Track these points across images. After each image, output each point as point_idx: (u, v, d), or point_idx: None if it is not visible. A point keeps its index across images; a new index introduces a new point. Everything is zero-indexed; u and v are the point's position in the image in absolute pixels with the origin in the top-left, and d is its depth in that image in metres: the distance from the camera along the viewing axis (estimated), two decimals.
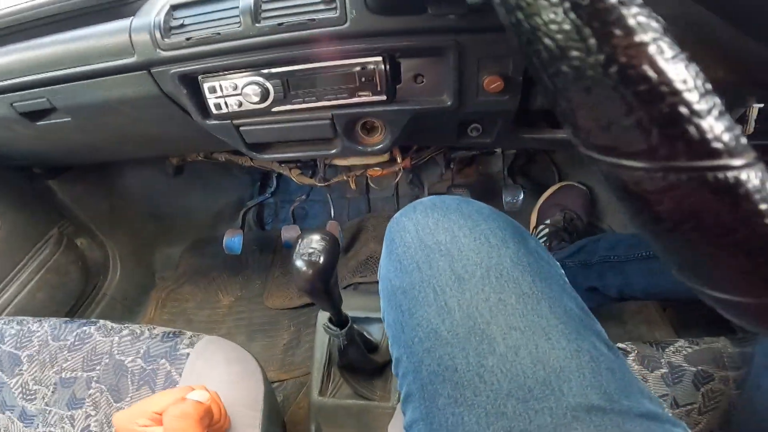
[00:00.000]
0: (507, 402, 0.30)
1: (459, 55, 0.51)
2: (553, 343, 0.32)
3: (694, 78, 0.13)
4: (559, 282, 0.38)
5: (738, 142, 0.14)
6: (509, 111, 0.57)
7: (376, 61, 0.53)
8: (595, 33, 0.13)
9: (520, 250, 0.37)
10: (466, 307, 0.34)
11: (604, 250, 0.82)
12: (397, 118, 0.58)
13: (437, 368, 0.33)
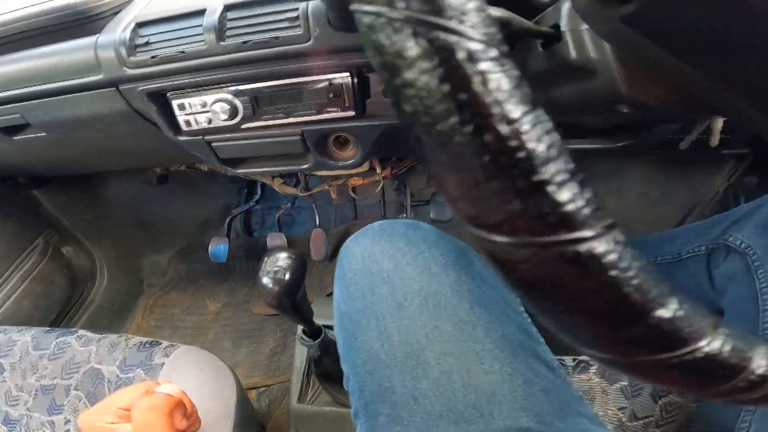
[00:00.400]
0: (439, 423, 0.31)
1: None
2: (486, 368, 0.33)
3: (547, 147, 0.14)
4: (500, 306, 0.38)
5: (591, 213, 0.14)
6: None
7: (344, 77, 0.53)
8: (450, 95, 0.13)
9: (462, 276, 0.38)
10: (404, 333, 0.35)
11: None
12: (368, 132, 0.59)
13: (377, 389, 0.34)
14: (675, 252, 0.64)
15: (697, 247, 0.60)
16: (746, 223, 0.54)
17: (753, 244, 0.52)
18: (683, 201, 0.99)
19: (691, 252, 0.61)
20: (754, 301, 0.49)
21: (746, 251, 0.52)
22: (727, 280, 0.55)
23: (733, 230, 0.55)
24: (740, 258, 0.53)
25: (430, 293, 0.36)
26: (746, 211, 0.55)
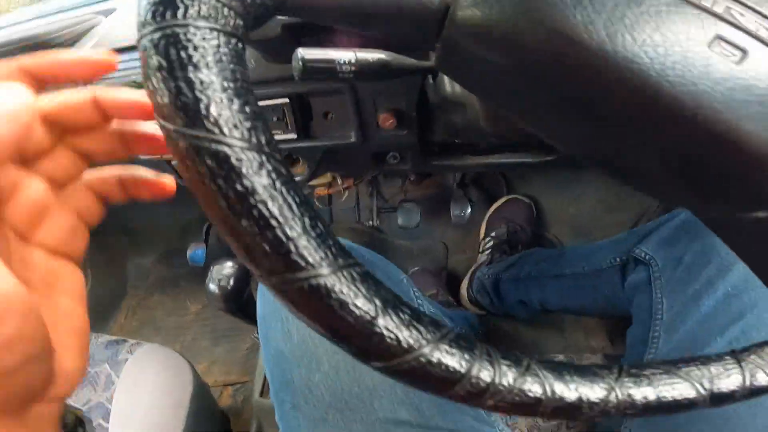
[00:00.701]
0: (329, 411, 0.37)
1: (354, 94, 0.57)
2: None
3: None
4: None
5: (323, 256, 0.19)
6: (412, 144, 0.62)
7: (284, 103, 0.58)
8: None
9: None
10: (302, 332, 0.41)
11: (531, 264, 0.88)
12: (311, 153, 0.64)
13: (282, 380, 0.41)
14: (598, 264, 0.69)
15: (613, 259, 0.65)
16: (651, 237, 0.59)
17: (656, 255, 0.56)
18: (636, 206, 1.03)
19: (608, 263, 0.66)
20: (649, 310, 0.54)
21: (649, 262, 0.57)
22: (634, 289, 0.60)
23: (641, 244, 0.60)
24: (644, 269, 0.58)
25: None
26: (654, 226, 0.60)
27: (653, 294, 0.54)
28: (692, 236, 0.52)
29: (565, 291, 0.77)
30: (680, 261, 0.52)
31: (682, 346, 0.48)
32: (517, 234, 1.09)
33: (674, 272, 0.52)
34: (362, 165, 0.70)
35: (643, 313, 0.55)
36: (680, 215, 0.57)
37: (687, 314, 0.48)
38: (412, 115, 0.58)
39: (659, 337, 0.51)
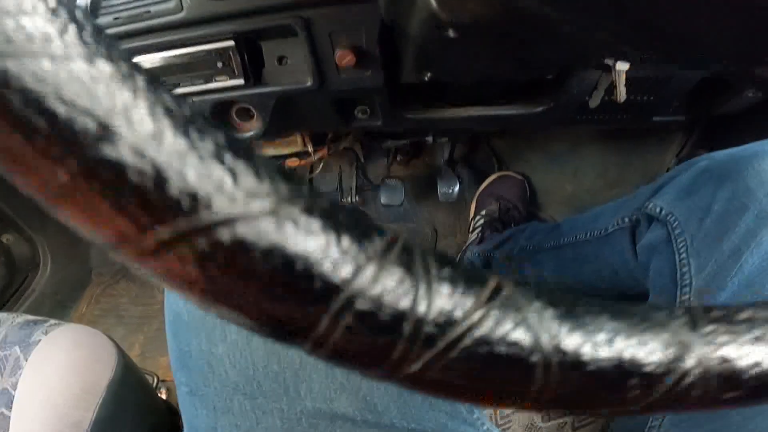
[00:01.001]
0: (234, 397, 0.28)
1: (308, 31, 0.48)
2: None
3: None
4: None
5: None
6: (378, 88, 0.54)
7: (229, 45, 0.50)
8: None
9: None
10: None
11: (524, 239, 0.79)
12: (262, 101, 0.56)
13: (179, 354, 0.31)
14: (602, 227, 0.60)
15: (621, 219, 0.56)
16: (667, 189, 0.50)
17: (674, 210, 0.48)
18: (638, 180, 0.94)
19: (615, 225, 0.57)
20: (673, 275, 0.45)
21: (667, 218, 0.48)
22: (649, 252, 0.51)
23: (655, 198, 0.51)
24: (661, 227, 0.49)
25: None
26: (668, 177, 0.51)
27: (676, 256, 0.45)
28: (719, 181, 0.43)
29: (563, 264, 0.68)
30: (708, 211, 0.43)
31: None
32: (509, 212, 1.00)
33: (701, 226, 0.43)
34: (326, 118, 0.62)
35: (664, 280, 0.46)
36: (699, 163, 0.48)
37: (725, 276, 0.39)
38: (375, 52, 0.49)
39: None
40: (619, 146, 0.97)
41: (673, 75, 0.51)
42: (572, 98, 0.55)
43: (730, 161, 0.46)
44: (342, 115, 0.62)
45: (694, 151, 0.80)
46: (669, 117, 0.62)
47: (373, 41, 0.49)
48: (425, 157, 1.27)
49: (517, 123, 0.62)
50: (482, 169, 1.18)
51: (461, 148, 1.20)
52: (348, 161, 1.21)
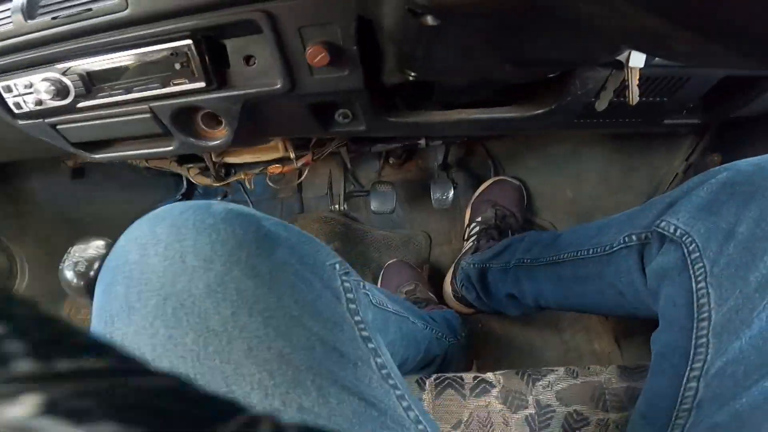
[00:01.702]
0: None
1: (274, 27, 0.42)
2: (240, 396, 0.26)
3: None
4: (288, 316, 0.30)
5: None
6: (358, 90, 0.48)
7: (186, 45, 0.44)
8: None
9: (234, 272, 0.29)
10: (129, 342, 0.28)
11: (522, 251, 0.73)
12: (228, 106, 0.49)
13: None
14: (606, 243, 0.54)
15: (627, 237, 0.50)
16: (682, 205, 0.44)
17: (690, 230, 0.41)
18: (644, 186, 0.89)
19: (621, 243, 0.51)
20: (688, 307, 0.39)
21: (682, 240, 0.42)
22: (660, 276, 0.45)
23: (668, 215, 0.45)
24: (675, 249, 0.43)
25: (172, 293, 0.28)
26: (683, 191, 0.45)
27: (693, 283, 0.39)
28: (744, 198, 0.38)
29: (562, 282, 0.62)
30: (731, 234, 0.38)
31: (746, 359, 0.33)
32: (506, 219, 0.94)
33: (723, 250, 0.38)
34: (303, 123, 0.55)
35: (678, 312, 0.40)
36: (720, 174, 0.42)
37: (751, 310, 0.34)
38: (351, 49, 0.43)
39: (707, 346, 0.37)
40: (623, 149, 0.91)
41: (692, 74, 0.46)
42: (576, 100, 0.49)
43: (756, 173, 0.40)
44: (321, 119, 0.56)
45: (705, 156, 0.74)
46: (682, 120, 0.56)
47: (349, 37, 0.42)
48: (418, 161, 1.21)
49: (515, 127, 0.56)
50: (478, 173, 1.12)
51: (456, 152, 1.14)
52: (338, 165, 1.15)
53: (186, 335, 0.27)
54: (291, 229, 0.36)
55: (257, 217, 0.33)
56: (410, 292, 0.92)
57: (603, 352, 0.89)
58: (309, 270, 0.33)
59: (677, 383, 0.38)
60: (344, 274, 0.38)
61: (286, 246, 0.33)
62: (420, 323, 0.66)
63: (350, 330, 0.34)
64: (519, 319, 0.95)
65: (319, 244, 0.38)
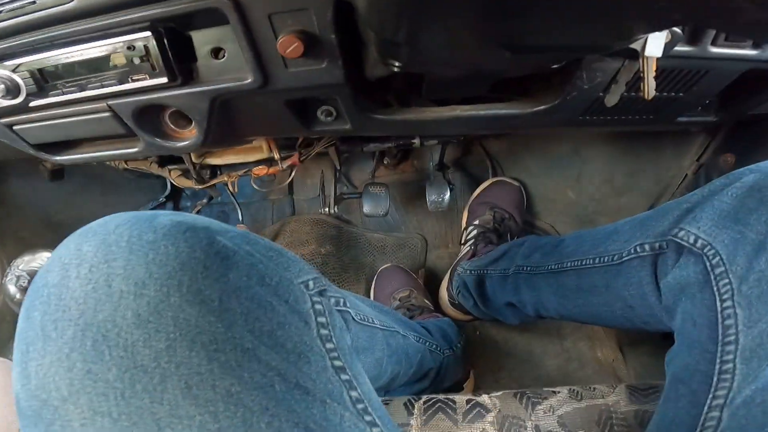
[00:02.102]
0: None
1: (240, 14, 0.37)
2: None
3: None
4: (239, 350, 0.26)
5: None
6: (338, 84, 0.43)
7: (145, 37, 0.40)
8: None
9: (172, 299, 0.25)
10: (43, 375, 0.24)
11: (522, 257, 0.68)
12: (194, 103, 0.45)
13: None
14: (615, 252, 0.49)
15: (639, 246, 0.45)
16: (703, 211, 0.39)
17: (713, 240, 0.37)
18: (652, 185, 0.84)
19: (632, 253, 0.46)
20: (711, 327, 0.35)
21: (704, 251, 0.37)
22: (677, 292, 0.40)
23: (687, 222, 0.40)
24: (695, 261, 0.38)
25: (94, 322, 0.24)
26: (703, 196, 0.40)
27: (717, 302, 0.35)
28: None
29: (565, 293, 0.58)
30: (763, 247, 0.33)
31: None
32: (505, 222, 0.89)
33: (752, 265, 0.33)
34: (282, 122, 0.51)
35: (699, 333, 0.36)
36: (746, 177, 0.37)
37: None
38: (329, 38, 0.38)
39: (733, 372, 0.32)
40: (628, 148, 0.86)
41: (712, 67, 0.41)
42: (583, 95, 0.44)
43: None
44: (302, 118, 0.51)
45: (717, 156, 0.69)
46: (697, 117, 0.52)
47: (326, 24, 0.38)
48: (414, 161, 1.16)
49: (515, 125, 0.51)
50: (476, 174, 1.07)
51: (453, 152, 1.10)
52: (331, 166, 1.11)
53: (108, 371, 0.23)
54: (256, 243, 0.31)
55: (211, 230, 0.29)
56: (404, 298, 0.88)
57: (606, 361, 0.85)
58: (271, 292, 0.29)
59: (696, 412, 0.34)
60: (318, 293, 0.33)
61: (244, 265, 0.28)
62: (412, 336, 0.61)
63: (320, 360, 0.30)
64: (518, 325, 0.91)
65: (290, 259, 0.33)
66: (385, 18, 0.26)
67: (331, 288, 0.36)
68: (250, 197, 1.19)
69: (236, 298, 0.26)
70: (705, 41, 0.39)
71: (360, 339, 0.43)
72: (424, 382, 0.69)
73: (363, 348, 0.44)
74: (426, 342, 0.66)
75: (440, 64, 0.35)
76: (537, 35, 0.25)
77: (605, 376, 0.81)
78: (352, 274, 1.06)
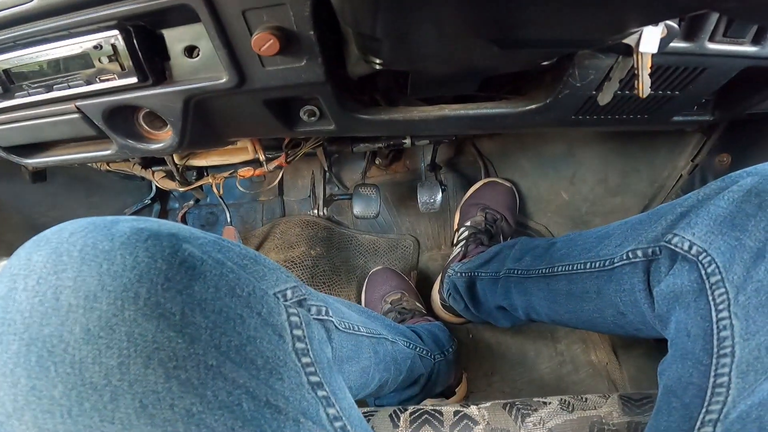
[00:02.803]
0: None
1: (212, 11, 0.35)
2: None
3: None
4: (203, 366, 0.24)
5: None
6: (319, 83, 0.41)
7: (112, 36, 0.38)
8: None
9: (127, 311, 0.23)
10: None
11: (512, 260, 0.66)
12: (167, 104, 0.42)
13: None
14: (606, 258, 0.47)
15: (632, 252, 0.44)
16: (698, 216, 0.37)
17: (709, 247, 0.35)
18: (646, 186, 0.82)
19: (624, 259, 0.45)
20: (706, 339, 0.33)
21: (699, 258, 0.36)
22: (671, 300, 0.39)
23: (681, 228, 0.38)
24: (690, 269, 0.36)
25: (39, 337, 0.23)
26: (698, 200, 0.39)
27: (712, 312, 0.33)
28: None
29: (556, 298, 0.56)
30: (762, 254, 0.32)
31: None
32: (496, 223, 0.87)
33: (750, 274, 0.32)
34: (262, 123, 0.49)
35: (692, 343, 0.34)
36: (743, 180, 0.35)
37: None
38: (307, 35, 0.36)
39: (728, 386, 0.31)
40: (623, 149, 0.84)
41: (710, 65, 0.39)
42: (575, 93, 0.42)
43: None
44: (283, 118, 0.49)
45: (713, 157, 0.68)
46: (693, 117, 0.50)
47: (304, 20, 0.36)
48: (406, 161, 1.15)
49: (506, 125, 0.49)
50: (469, 174, 1.05)
51: (445, 151, 1.08)
52: (320, 169, 1.09)
53: (54, 387, 0.22)
54: (229, 251, 0.29)
55: (178, 238, 0.26)
56: (395, 302, 0.86)
57: (600, 364, 0.83)
58: (242, 304, 0.27)
59: (689, 426, 0.33)
60: (296, 303, 0.31)
61: (212, 275, 0.26)
62: (401, 341, 0.59)
63: (294, 377, 0.28)
64: (511, 328, 0.90)
65: (266, 267, 0.31)
66: (358, 11, 0.24)
67: (312, 296, 0.35)
68: (240, 198, 1.17)
69: (201, 312, 0.25)
70: (702, 37, 0.37)
71: (344, 348, 0.41)
72: (415, 388, 0.67)
73: (348, 357, 0.42)
74: (416, 347, 0.64)
75: (422, 60, 0.33)
76: (526, 28, 0.23)
77: (599, 380, 0.79)
78: (343, 277, 1.04)
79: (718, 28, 0.38)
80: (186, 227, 0.29)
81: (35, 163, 0.51)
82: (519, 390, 0.84)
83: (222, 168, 0.83)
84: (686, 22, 0.37)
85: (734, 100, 0.48)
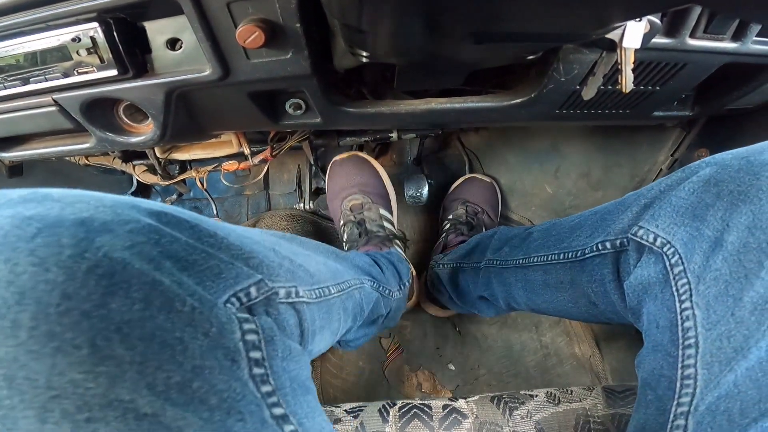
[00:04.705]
0: None
1: (196, 3, 0.34)
2: None
3: None
4: (138, 411, 0.19)
5: None
6: (305, 76, 0.40)
7: (91, 28, 0.36)
8: None
9: (2, 349, 0.17)
10: None
11: (492, 250, 0.67)
12: (148, 96, 0.41)
13: None
14: (578, 248, 0.48)
15: (601, 244, 0.44)
16: (662, 208, 0.37)
17: (672, 238, 0.35)
18: (628, 180, 0.84)
19: (594, 250, 0.45)
20: (673, 330, 0.33)
21: (663, 249, 0.35)
22: (640, 293, 0.38)
23: (646, 220, 0.38)
24: (656, 260, 0.36)
25: None
26: (660, 191, 0.38)
27: (676, 302, 0.33)
28: (732, 200, 0.31)
29: (533, 288, 0.56)
30: (719, 244, 0.31)
31: (742, 394, 0.28)
32: (477, 216, 0.88)
33: (710, 264, 0.32)
34: (247, 116, 0.48)
35: (661, 335, 0.34)
36: (702, 170, 0.35)
37: (748, 337, 0.28)
38: (293, 27, 0.36)
39: (695, 377, 0.31)
40: (605, 144, 0.86)
41: (690, 60, 0.40)
42: (559, 87, 0.43)
43: (745, 169, 0.33)
44: (269, 111, 0.48)
45: (692, 151, 0.69)
46: (673, 112, 0.51)
47: (290, 12, 0.35)
48: (393, 154, 1.14)
49: (491, 119, 0.49)
50: (455, 168, 1.06)
51: (432, 145, 1.08)
52: (306, 162, 1.08)
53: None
54: (172, 241, 0.22)
55: (91, 229, 0.19)
56: (356, 208, 0.80)
57: (584, 357, 0.85)
58: (184, 322, 0.21)
59: (663, 419, 0.33)
60: (261, 305, 0.26)
61: (138, 284, 0.19)
62: (368, 283, 0.58)
63: (255, 413, 0.23)
64: (497, 321, 0.91)
65: (224, 256, 0.25)
66: (344, 1, 0.24)
67: (281, 277, 0.30)
68: (225, 192, 1.15)
69: (122, 340, 0.18)
70: (684, 33, 0.38)
71: (316, 321, 0.37)
72: (372, 328, 0.67)
73: (320, 327, 0.39)
74: (380, 286, 0.63)
75: (408, 53, 0.33)
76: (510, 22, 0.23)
77: (583, 372, 0.81)
78: None
79: (699, 24, 0.38)
80: (126, 200, 0.22)
81: (12, 157, 0.49)
82: (505, 383, 0.85)
83: (206, 162, 0.82)
84: (668, 18, 0.38)
85: (713, 95, 0.49)
